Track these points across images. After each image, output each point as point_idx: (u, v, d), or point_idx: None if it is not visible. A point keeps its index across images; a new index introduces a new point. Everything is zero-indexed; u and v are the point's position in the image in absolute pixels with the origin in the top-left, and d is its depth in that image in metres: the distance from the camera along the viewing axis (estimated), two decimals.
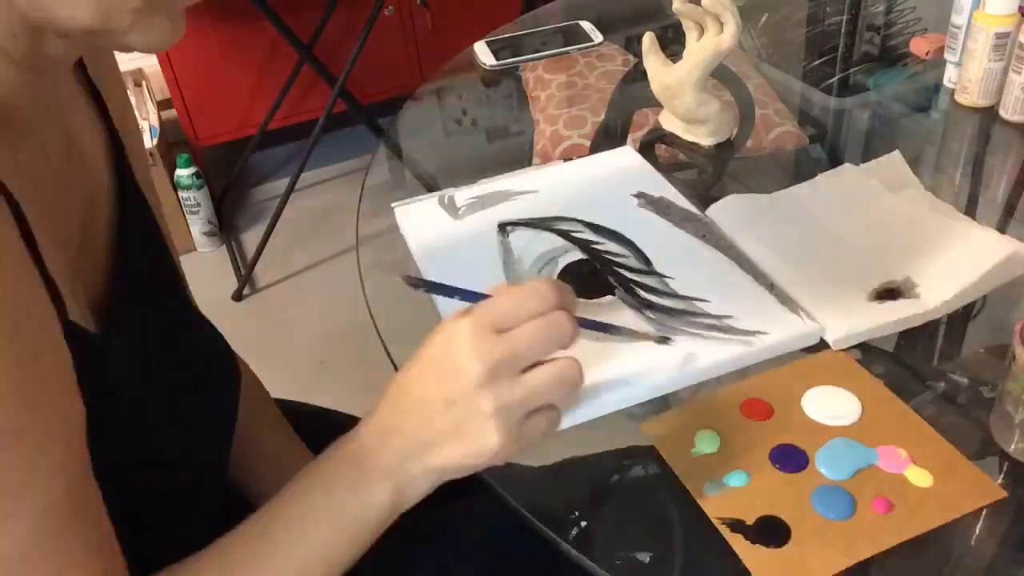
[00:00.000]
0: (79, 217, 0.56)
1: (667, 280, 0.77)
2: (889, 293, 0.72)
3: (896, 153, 0.90)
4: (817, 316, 0.71)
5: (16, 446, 0.42)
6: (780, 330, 0.70)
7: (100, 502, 0.49)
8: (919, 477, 0.58)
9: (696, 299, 0.74)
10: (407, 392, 0.52)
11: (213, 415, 0.67)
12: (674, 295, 0.75)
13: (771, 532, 0.56)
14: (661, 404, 0.67)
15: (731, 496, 0.59)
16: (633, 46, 1.21)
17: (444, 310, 0.76)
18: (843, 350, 0.69)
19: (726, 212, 0.84)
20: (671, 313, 0.73)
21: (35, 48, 0.49)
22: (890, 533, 0.55)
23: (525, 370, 0.50)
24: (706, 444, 0.63)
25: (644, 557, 0.57)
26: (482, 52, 1.21)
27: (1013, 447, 0.60)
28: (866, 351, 0.70)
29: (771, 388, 0.66)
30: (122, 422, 0.54)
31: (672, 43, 1.03)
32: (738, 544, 0.56)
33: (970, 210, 0.87)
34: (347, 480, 0.52)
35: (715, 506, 0.58)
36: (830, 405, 0.64)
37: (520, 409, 0.50)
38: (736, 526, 0.57)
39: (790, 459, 0.61)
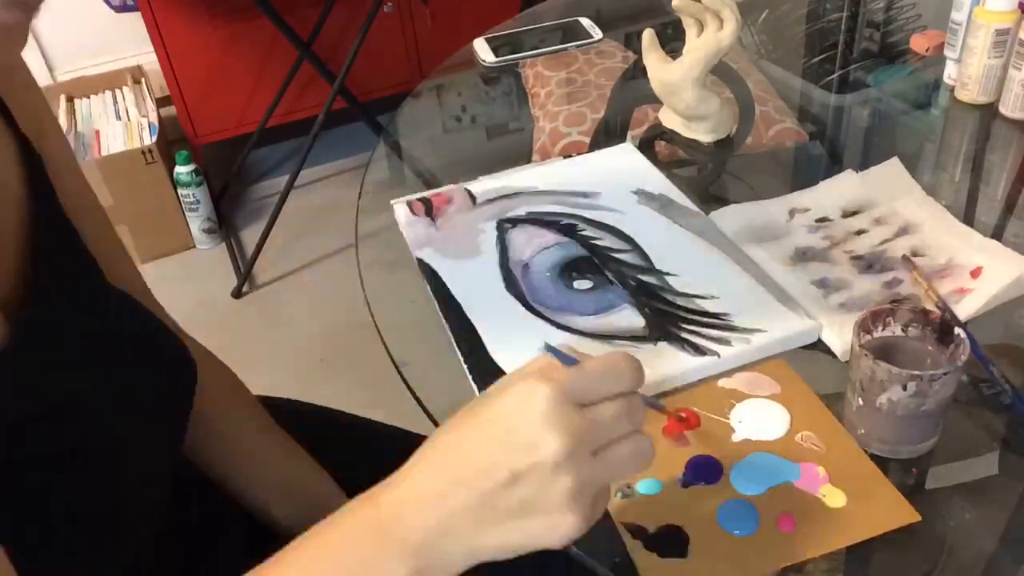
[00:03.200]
0: None
1: (666, 277, 0.76)
2: (897, 304, 0.72)
3: (895, 159, 0.89)
4: (823, 321, 0.71)
5: None
6: (779, 328, 0.70)
7: None
8: (833, 497, 0.58)
9: (695, 296, 0.74)
10: (457, 457, 0.46)
11: (157, 405, 0.66)
12: (673, 292, 0.75)
13: (670, 542, 0.56)
14: None
15: (640, 502, 0.59)
16: (633, 43, 1.21)
17: (437, 293, 0.76)
18: (784, 363, 0.68)
19: (725, 221, 0.83)
20: (670, 310, 0.73)
21: None
22: (788, 552, 0.55)
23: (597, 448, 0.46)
24: None
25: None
26: (481, 49, 1.21)
27: (857, 434, 0.61)
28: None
29: (704, 398, 0.66)
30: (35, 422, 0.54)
31: (672, 40, 1.02)
32: (635, 550, 0.56)
33: (970, 207, 0.87)
34: (365, 552, 0.46)
35: (622, 510, 0.58)
36: (758, 419, 0.64)
37: (598, 488, 0.46)
38: (637, 532, 0.57)
39: (705, 471, 0.61)
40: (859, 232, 0.81)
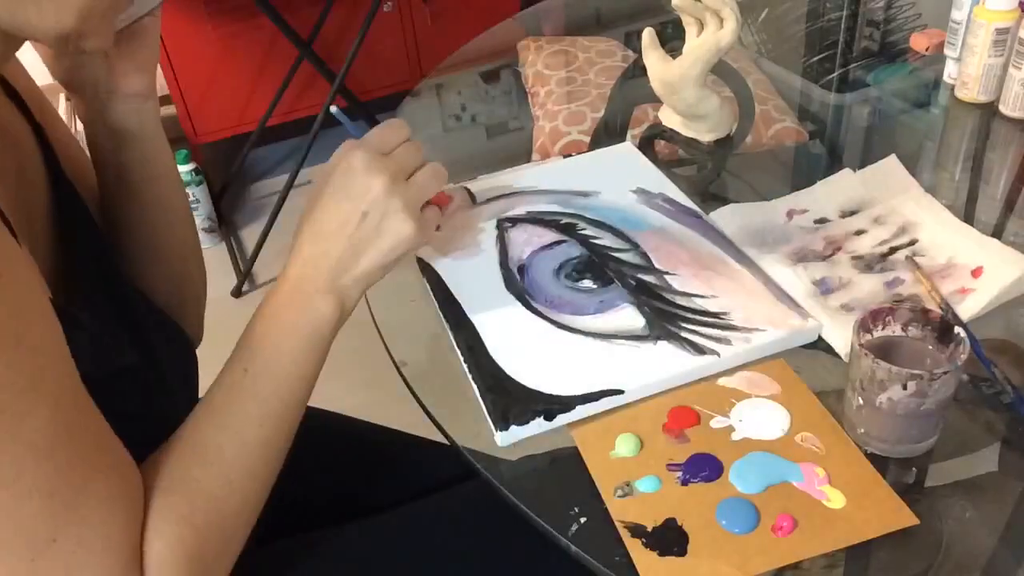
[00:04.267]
0: (18, 204, 0.57)
1: (666, 277, 0.76)
2: (897, 304, 0.72)
3: (892, 157, 0.89)
4: (824, 321, 0.71)
5: (16, 350, 0.45)
6: (779, 327, 0.70)
7: (96, 409, 0.52)
8: (832, 497, 0.58)
9: (695, 295, 0.74)
10: (323, 222, 0.63)
11: (167, 382, 0.67)
12: (673, 291, 0.75)
13: (669, 540, 0.56)
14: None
15: (639, 500, 0.59)
16: (633, 42, 1.21)
17: (437, 293, 0.76)
18: (784, 363, 0.68)
19: (724, 222, 0.83)
20: (670, 309, 0.73)
21: None
22: (787, 551, 0.55)
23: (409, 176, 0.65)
24: (625, 447, 0.62)
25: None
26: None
27: (857, 433, 0.61)
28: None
29: (704, 397, 0.66)
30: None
31: (672, 39, 1.02)
32: (634, 548, 0.56)
33: (970, 206, 0.87)
34: (296, 307, 0.62)
35: (621, 509, 0.58)
36: (758, 418, 0.64)
37: (418, 200, 0.65)
38: (636, 530, 0.57)
39: (704, 469, 0.60)
40: (858, 232, 0.81)
